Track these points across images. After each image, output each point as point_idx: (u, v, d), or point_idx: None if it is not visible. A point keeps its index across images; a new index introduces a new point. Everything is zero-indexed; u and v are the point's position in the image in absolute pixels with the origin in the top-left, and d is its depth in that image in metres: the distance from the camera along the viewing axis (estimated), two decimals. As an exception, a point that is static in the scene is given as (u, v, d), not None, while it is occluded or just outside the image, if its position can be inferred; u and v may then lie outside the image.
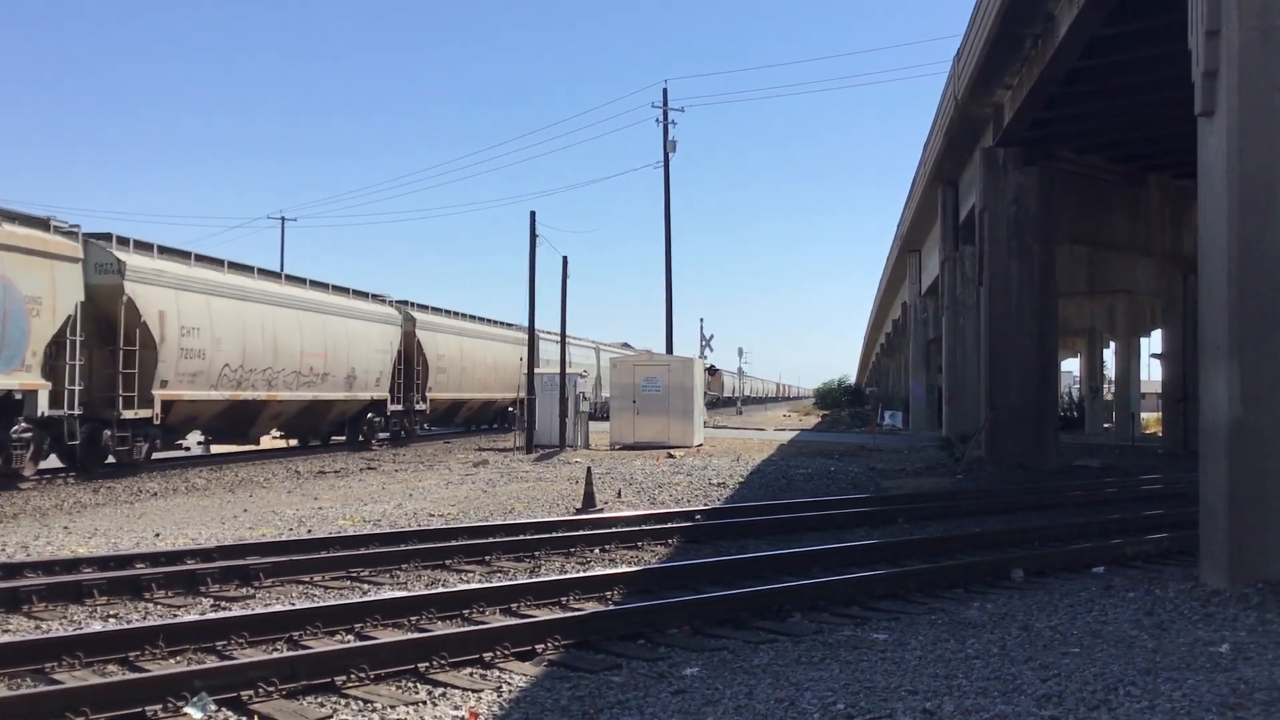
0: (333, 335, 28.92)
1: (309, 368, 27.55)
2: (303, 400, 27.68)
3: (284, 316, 26.70)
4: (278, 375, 26.09)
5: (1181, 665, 6.99)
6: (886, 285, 60.60)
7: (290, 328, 26.88)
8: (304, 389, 27.51)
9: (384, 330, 32.32)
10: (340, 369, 29.17)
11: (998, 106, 24.22)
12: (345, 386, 29.68)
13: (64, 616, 9.02)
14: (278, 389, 26.21)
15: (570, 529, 13.69)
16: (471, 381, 39.68)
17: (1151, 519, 14.75)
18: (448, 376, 37.21)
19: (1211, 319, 10.03)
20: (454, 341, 37.95)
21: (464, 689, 6.83)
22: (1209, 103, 9.99)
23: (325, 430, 31.52)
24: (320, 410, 29.35)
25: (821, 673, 7.08)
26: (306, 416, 29.14)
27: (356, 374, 30.13)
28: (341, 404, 30.06)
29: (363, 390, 30.79)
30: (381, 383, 31.96)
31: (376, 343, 31.61)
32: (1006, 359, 24.51)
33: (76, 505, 17.38)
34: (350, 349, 29.89)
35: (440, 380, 36.46)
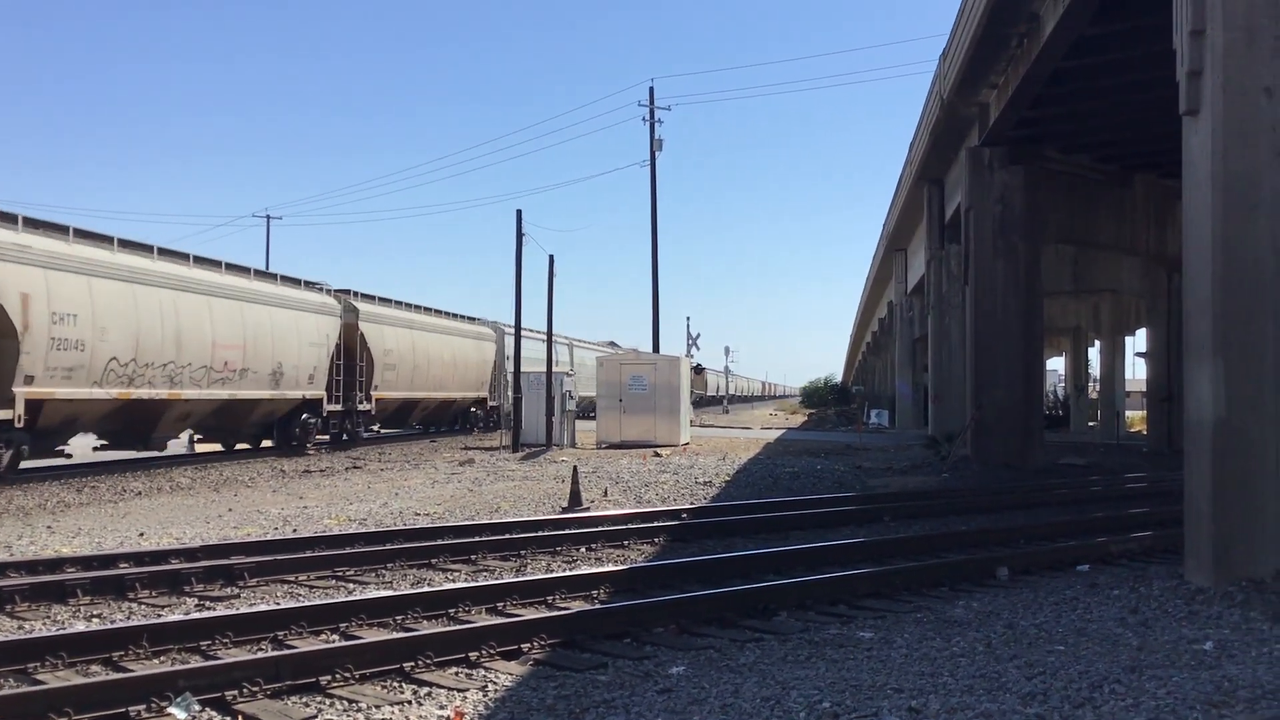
0: (254, 326, 25.83)
1: (223, 363, 24.45)
2: (216, 399, 24.61)
3: (191, 304, 23.43)
4: (182, 371, 22.90)
5: (1166, 663, 7.01)
6: (873, 284, 60.70)
7: (198, 316, 23.66)
8: (217, 386, 24.41)
9: (319, 322, 29.27)
10: (263, 364, 26.18)
11: (983, 106, 24.27)
12: (270, 384, 26.58)
13: (47, 616, 8.98)
14: (183, 386, 23.00)
15: (556, 528, 13.67)
16: (426, 379, 36.58)
17: (1136, 517, 14.80)
18: (397, 374, 34.21)
19: (1195, 318, 10.07)
20: (405, 335, 34.87)
21: (449, 688, 6.81)
22: (1194, 102, 10.02)
23: (249, 433, 28.40)
24: (240, 411, 26.24)
25: (808, 671, 7.09)
26: (224, 418, 26.09)
27: (284, 370, 27.10)
28: (267, 404, 26.97)
29: (292, 388, 27.69)
30: (316, 380, 28.99)
31: (309, 335, 28.55)
32: (992, 358, 24.56)
33: (60, 504, 17.30)
34: (276, 342, 26.81)
35: (388, 378, 33.58)
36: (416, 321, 36.04)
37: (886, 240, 47.17)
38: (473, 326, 41.61)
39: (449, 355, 38.45)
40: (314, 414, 29.50)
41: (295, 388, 27.94)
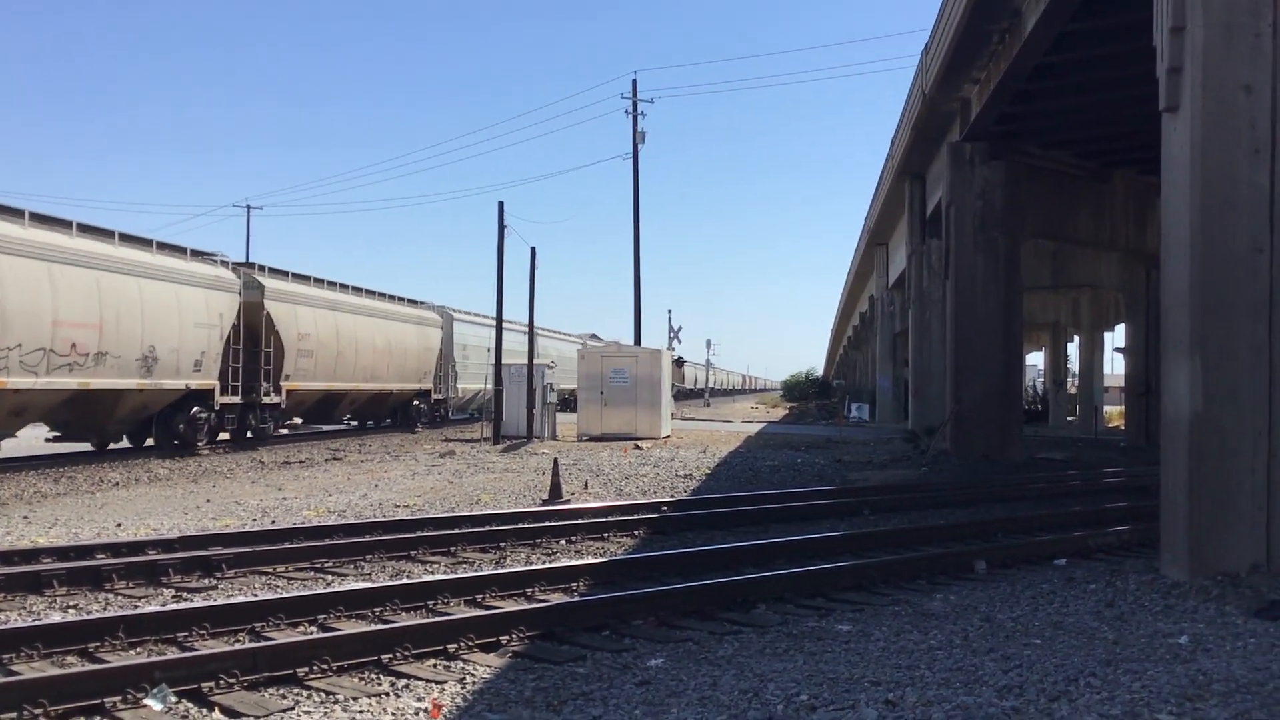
0: (115, 301, 21.41)
1: (71, 344, 20.25)
2: (64, 390, 20.50)
3: (21, 270, 19.17)
4: (9, 354, 18.83)
5: (1141, 656, 7.05)
6: (854, 278, 60.81)
7: (32, 287, 19.39)
8: (63, 374, 20.18)
9: (210, 299, 24.82)
10: (129, 347, 21.78)
11: (965, 101, 24.32)
12: (140, 371, 22.24)
13: (23, 607, 8.92)
14: (12, 373, 18.97)
15: (537, 520, 13.66)
16: (354, 369, 32.27)
17: (1113, 512, 14.88)
18: (316, 361, 29.72)
19: (1173, 314, 10.12)
20: (326, 318, 30.48)
21: (427, 680, 6.80)
22: (1173, 99, 10.06)
23: (118, 430, 24.32)
24: (101, 403, 22.07)
25: (786, 664, 7.10)
26: (79, 411, 22.02)
27: (159, 354, 22.72)
28: (135, 395, 22.59)
29: (170, 376, 23.30)
30: (205, 367, 24.62)
31: (195, 314, 24.14)
32: (972, 352, 24.64)
33: (37, 495, 17.19)
34: (147, 321, 22.36)
35: (304, 366, 29.13)
36: (341, 303, 32.01)
37: (868, 235, 47.26)
38: (414, 311, 37.87)
39: (383, 342, 34.33)
40: (204, 407, 25.11)
41: (175, 376, 23.64)
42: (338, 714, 6.05)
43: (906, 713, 5.82)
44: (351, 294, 33.12)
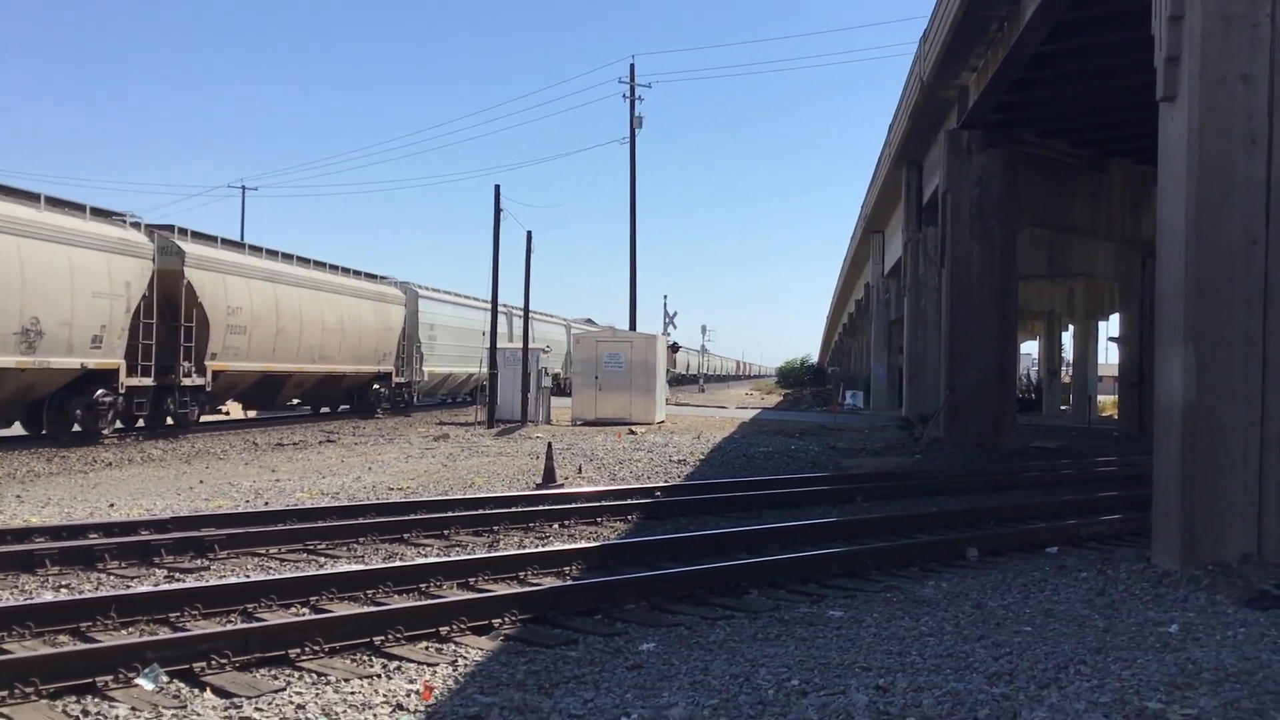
0: None
1: None
2: None
3: None
4: None
5: (1131, 645, 7.07)
6: (850, 265, 60.81)
7: None
8: None
9: (113, 264, 21.55)
10: (4, 318, 18.90)
11: (963, 89, 24.28)
12: (20, 347, 19.25)
13: (15, 586, 8.92)
14: None
15: (530, 504, 13.66)
16: (298, 348, 29.17)
17: (1105, 500, 14.92)
18: (249, 339, 26.65)
19: (1168, 303, 10.13)
20: (264, 291, 27.48)
21: (419, 662, 6.81)
22: (1171, 88, 10.05)
23: None
24: None
25: (777, 649, 7.12)
26: None
27: (44, 328, 19.63)
28: (16, 375, 19.53)
29: (61, 354, 20.20)
30: (107, 344, 21.42)
31: (94, 281, 20.93)
32: (967, 340, 24.65)
33: (30, 474, 17.18)
34: (28, 289, 19.34)
35: (236, 345, 26.09)
36: (283, 274, 28.92)
37: (864, 222, 47.22)
38: (373, 286, 35.03)
39: (334, 319, 31.19)
40: (109, 390, 21.98)
41: (68, 353, 20.58)
42: (329, 695, 6.05)
43: (897, 698, 5.84)
44: (296, 265, 30.10)
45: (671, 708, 5.72)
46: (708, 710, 5.71)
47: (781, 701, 5.87)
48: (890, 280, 44.90)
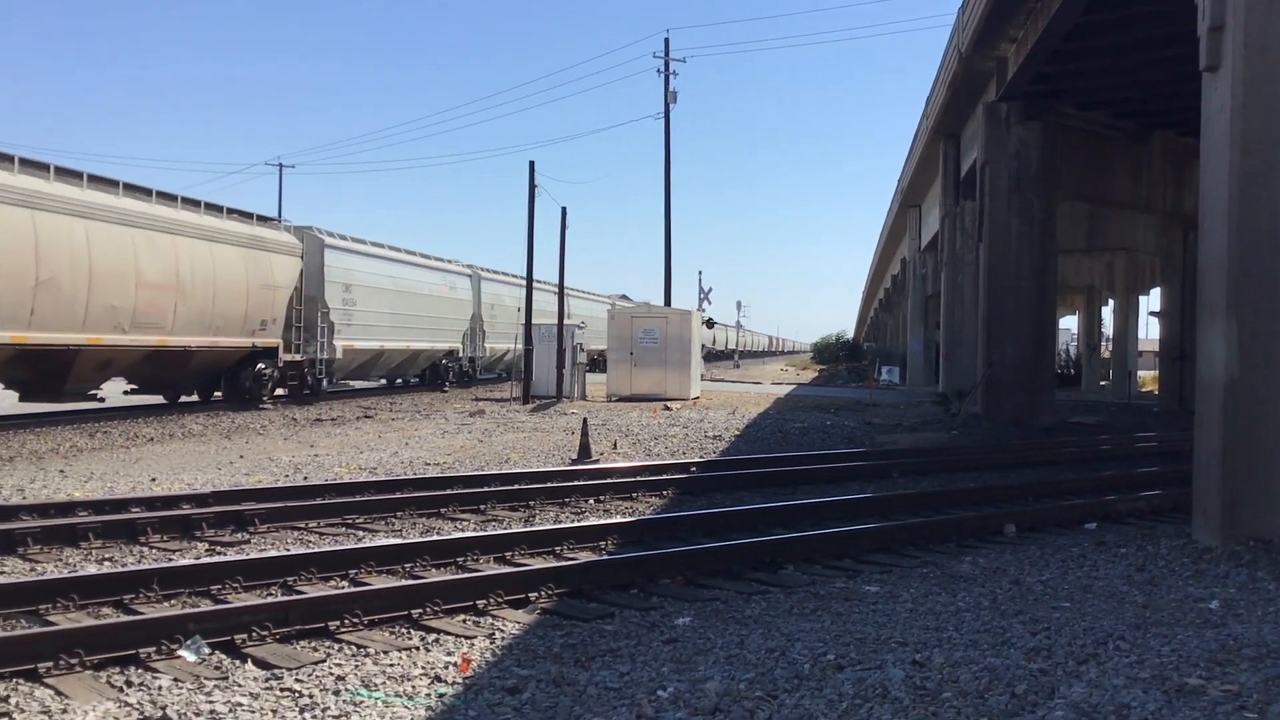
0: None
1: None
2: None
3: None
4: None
5: (1171, 621, 7.03)
6: (886, 240, 60.44)
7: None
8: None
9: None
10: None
11: (1001, 60, 24.01)
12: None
13: (59, 559, 9.05)
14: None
15: (565, 479, 13.71)
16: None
17: (1145, 476, 14.79)
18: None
19: (1210, 277, 10.00)
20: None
21: (457, 635, 6.86)
22: (1214, 58, 9.89)
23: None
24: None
25: (813, 624, 7.12)
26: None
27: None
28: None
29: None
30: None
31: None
32: (1004, 315, 24.46)
33: (73, 449, 17.41)
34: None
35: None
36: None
37: (901, 196, 46.91)
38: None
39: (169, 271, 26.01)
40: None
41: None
42: (368, 667, 6.12)
43: (934, 674, 5.83)
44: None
45: (707, 681, 5.74)
46: (743, 684, 5.72)
47: (817, 676, 5.87)
48: (927, 255, 44.61)
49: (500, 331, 41.85)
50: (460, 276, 38.53)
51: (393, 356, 33.31)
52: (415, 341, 34.07)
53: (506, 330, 41.87)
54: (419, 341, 34.39)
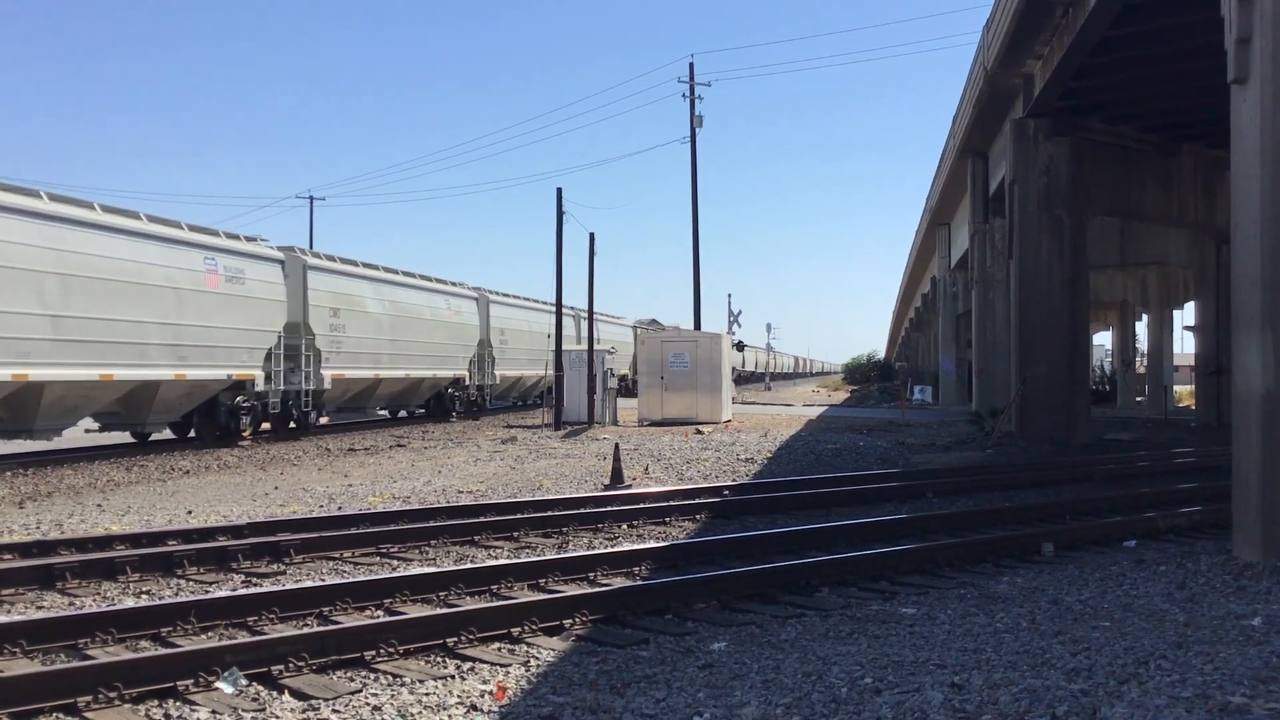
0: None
1: None
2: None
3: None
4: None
5: (1213, 639, 6.93)
6: (915, 259, 60.25)
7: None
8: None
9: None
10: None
11: (1028, 77, 23.95)
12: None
13: (97, 593, 9.12)
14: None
15: (598, 505, 13.71)
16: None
17: (1184, 492, 14.63)
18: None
19: (1244, 290, 9.91)
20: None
21: (492, 663, 6.85)
22: (1242, 70, 9.84)
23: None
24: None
25: (849, 647, 7.07)
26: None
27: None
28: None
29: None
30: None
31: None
32: (1037, 332, 24.32)
33: (110, 483, 17.55)
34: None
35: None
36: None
37: (930, 215, 46.78)
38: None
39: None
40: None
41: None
42: (405, 696, 6.12)
43: (973, 696, 5.77)
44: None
45: (744, 707, 5.70)
46: (780, 709, 5.68)
47: (855, 700, 5.82)
48: (957, 273, 44.44)
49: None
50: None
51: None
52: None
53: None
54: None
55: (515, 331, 40.67)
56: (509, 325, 40.15)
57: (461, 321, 35.60)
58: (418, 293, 32.73)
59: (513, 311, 40.98)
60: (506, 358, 39.82)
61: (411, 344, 31.61)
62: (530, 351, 41.82)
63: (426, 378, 32.96)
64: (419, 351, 32.10)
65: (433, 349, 33.06)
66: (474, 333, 36.78)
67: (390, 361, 30.43)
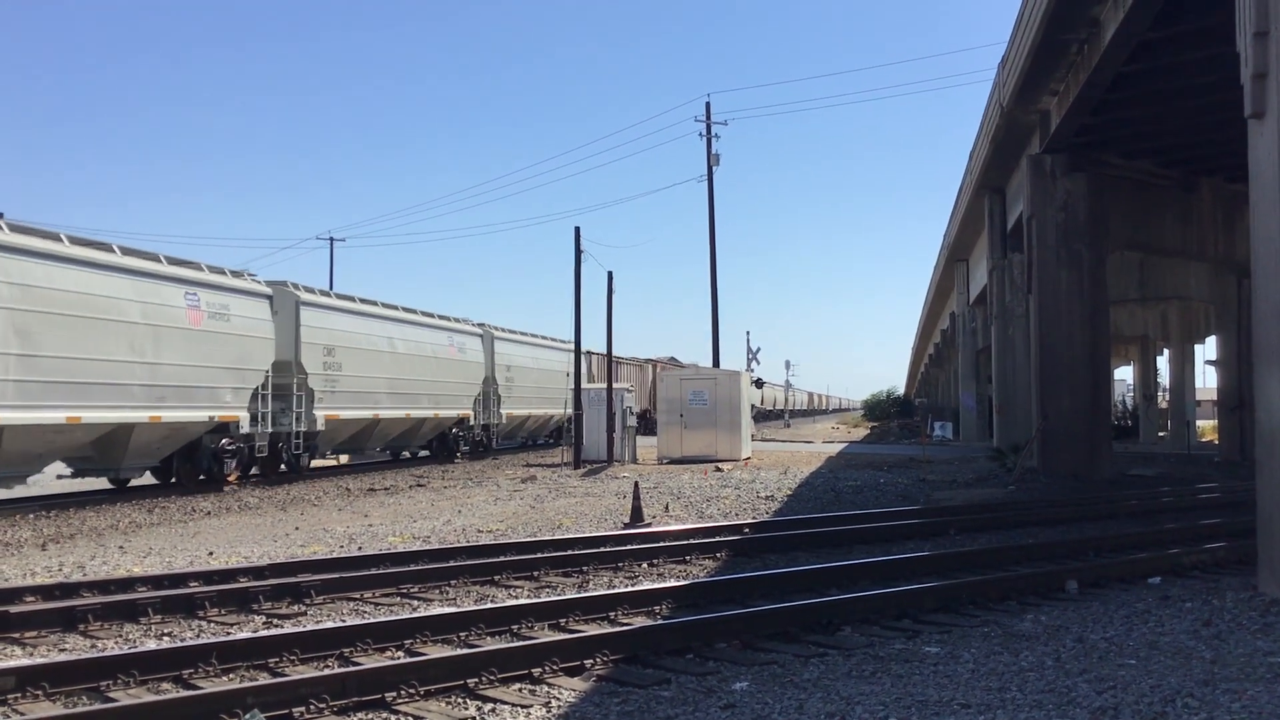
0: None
1: None
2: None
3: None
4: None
5: (1240, 676, 6.86)
6: (934, 295, 60.19)
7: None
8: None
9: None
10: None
11: (1044, 113, 24.01)
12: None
13: (119, 635, 9.14)
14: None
15: (618, 544, 13.67)
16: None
17: (1208, 528, 14.51)
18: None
19: (1266, 324, 9.86)
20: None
21: (513, 704, 6.83)
22: (1259, 105, 9.85)
23: None
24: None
25: (872, 686, 7.02)
26: None
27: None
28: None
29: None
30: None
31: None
32: (1057, 368, 24.23)
33: (131, 525, 17.61)
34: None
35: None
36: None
37: (948, 251, 46.78)
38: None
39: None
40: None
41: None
42: (425, 738, 6.10)
43: (997, 735, 5.72)
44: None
45: (767, 747, 5.66)
46: (804, 749, 5.64)
47: (879, 740, 5.78)
48: (976, 309, 44.36)
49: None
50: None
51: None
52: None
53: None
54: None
55: (522, 369, 39.41)
56: (516, 362, 38.97)
57: (466, 359, 34.52)
58: (419, 329, 31.51)
59: (520, 349, 39.76)
60: (513, 396, 38.71)
61: (412, 382, 30.43)
62: (539, 389, 40.81)
63: (429, 418, 31.82)
64: (421, 390, 30.92)
65: (435, 387, 31.89)
66: (479, 370, 35.69)
67: (390, 401, 29.22)
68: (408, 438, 32.39)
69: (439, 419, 32.69)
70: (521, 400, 39.49)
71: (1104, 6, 17.67)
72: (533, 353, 40.96)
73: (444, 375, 32.72)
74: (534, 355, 41.06)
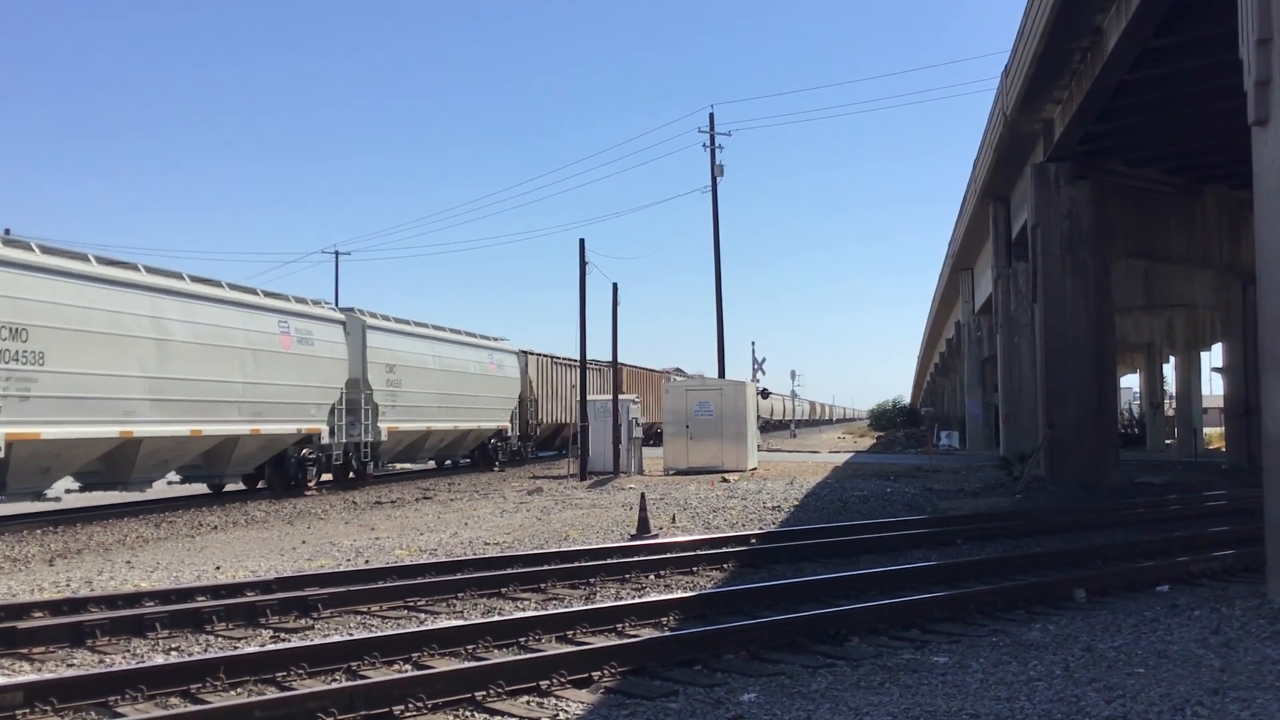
0: None
1: None
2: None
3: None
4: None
5: (1250, 684, 6.84)
6: (939, 304, 60.17)
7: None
8: None
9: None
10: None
11: (1047, 121, 24.03)
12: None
13: (127, 650, 9.14)
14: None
15: (625, 555, 13.66)
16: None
17: (1217, 536, 14.48)
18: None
19: (1271, 330, 9.86)
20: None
21: (521, 717, 6.83)
22: (1262, 112, 9.85)
23: None
24: None
25: (881, 697, 7.01)
26: None
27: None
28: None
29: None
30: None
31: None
32: (1063, 376, 24.21)
33: (139, 540, 17.63)
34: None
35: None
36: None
37: (953, 260, 46.78)
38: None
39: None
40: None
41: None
42: (433, 752, 6.09)
43: (1007, 745, 5.71)
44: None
45: (775, 758, 5.65)
46: (812, 760, 5.62)
47: (887, 750, 5.76)
48: (982, 318, 44.34)
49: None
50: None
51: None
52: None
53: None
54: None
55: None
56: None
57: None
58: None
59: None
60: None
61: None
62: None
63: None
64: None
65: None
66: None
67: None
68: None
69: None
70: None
71: (1107, 15, 17.70)
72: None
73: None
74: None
